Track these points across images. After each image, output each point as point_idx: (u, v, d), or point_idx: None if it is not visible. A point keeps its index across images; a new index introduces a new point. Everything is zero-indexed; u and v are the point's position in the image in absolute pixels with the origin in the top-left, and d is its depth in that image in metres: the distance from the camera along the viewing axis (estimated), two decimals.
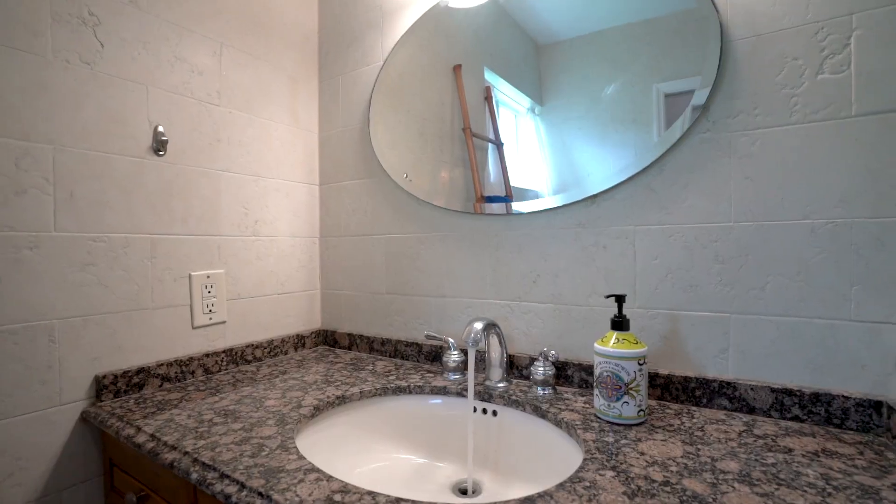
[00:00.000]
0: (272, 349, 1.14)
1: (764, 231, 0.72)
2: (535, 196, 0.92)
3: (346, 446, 0.81)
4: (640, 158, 0.80)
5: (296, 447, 0.63)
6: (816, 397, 0.67)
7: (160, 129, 0.93)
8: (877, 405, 0.64)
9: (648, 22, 0.80)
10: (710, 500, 0.48)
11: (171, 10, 0.95)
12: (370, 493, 0.51)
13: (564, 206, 0.89)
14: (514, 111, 0.98)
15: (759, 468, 0.54)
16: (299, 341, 1.21)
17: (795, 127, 0.70)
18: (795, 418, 0.69)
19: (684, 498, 0.48)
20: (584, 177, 0.86)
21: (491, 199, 0.99)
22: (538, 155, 0.93)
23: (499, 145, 1.02)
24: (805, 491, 0.49)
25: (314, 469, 0.57)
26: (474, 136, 1.04)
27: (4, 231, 0.73)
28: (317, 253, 1.29)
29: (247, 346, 1.08)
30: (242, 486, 0.54)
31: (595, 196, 0.86)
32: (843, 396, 0.66)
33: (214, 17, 1.03)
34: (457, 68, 1.04)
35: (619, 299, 0.74)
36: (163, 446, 0.65)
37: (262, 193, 1.14)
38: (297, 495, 0.51)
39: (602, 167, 0.84)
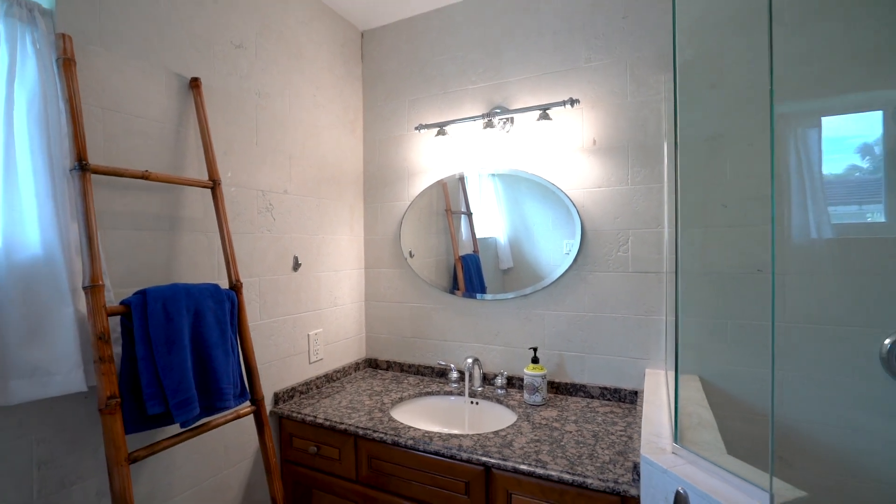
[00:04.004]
0: (344, 372, 1.93)
1: (598, 319, 1.63)
2: (495, 242, 1.78)
3: (409, 422, 1.63)
4: (550, 276, 1.68)
5: (397, 419, 1.45)
6: (616, 390, 1.59)
7: (297, 255, 1.70)
8: (635, 392, 1.56)
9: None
10: (558, 427, 1.36)
11: (299, 189, 1.73)
12: (439, 433, 1.35)
13: (513, 298, 1.76)
14: (479, 173, 1.82)
15: (582, 418, 1.44)
16: (357, 366, 2.01)
17: (610, 273, 1.61)
18: (608, 399, 1.60)
19: (552, 428, 1.36)
20: (530, 250, 1.73)
21: (464, 258, 1.83)
22: (496, 209, 1.77)
23: (469, 215, 1.85)
24: (589, 423, 1.38)
25: (412, 426, 1.40)
26: (452, 213, 1.88)
27: None
28: (363, 311, 2.09)
29: (333, 371, 1.87)
30: (385, 433, 1.35)
31: (528, 294, 1.73)
32: (625, 389, 1.57)
33: (318, 187, 1.82)
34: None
35: (535, 350, 1.62)
36: (335, 422, 1.45)
37: (338, 280, 1.93)
38: (412, 436, 1.33)
39: (543, 220, 1.70)
